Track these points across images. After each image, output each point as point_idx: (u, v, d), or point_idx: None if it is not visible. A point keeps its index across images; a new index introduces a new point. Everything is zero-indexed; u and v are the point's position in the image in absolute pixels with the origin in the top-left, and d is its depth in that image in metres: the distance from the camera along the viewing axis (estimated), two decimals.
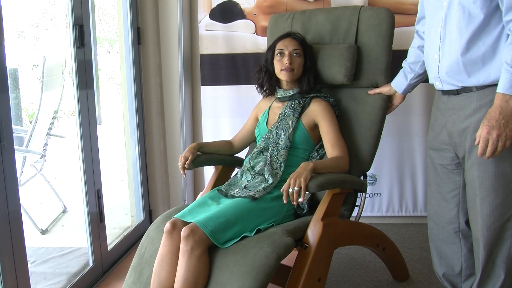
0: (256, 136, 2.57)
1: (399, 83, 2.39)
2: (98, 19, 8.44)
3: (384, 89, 2.43)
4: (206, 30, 3.43)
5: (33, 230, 3.46)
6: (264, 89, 2.53)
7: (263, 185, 2.24)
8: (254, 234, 2.04)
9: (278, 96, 2.48)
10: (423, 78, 2.34)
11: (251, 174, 2.33)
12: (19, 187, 2.05)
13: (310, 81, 2.42)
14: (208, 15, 3.42)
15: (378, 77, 2.46)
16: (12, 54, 5.96)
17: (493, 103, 1.81)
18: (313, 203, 2.32)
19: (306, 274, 2.01)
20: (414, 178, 3.44)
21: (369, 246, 2.49)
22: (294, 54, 2.40)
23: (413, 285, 2.63)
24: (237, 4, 3.39)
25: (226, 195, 2.27)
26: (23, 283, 2.06)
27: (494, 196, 1.93)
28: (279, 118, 2.43)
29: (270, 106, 2.54)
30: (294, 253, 2.06)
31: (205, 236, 1.94)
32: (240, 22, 3.41)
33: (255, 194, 2.18)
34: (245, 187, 2.27)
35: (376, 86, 2.48)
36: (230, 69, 3.45)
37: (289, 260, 2.05)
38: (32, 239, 3.32)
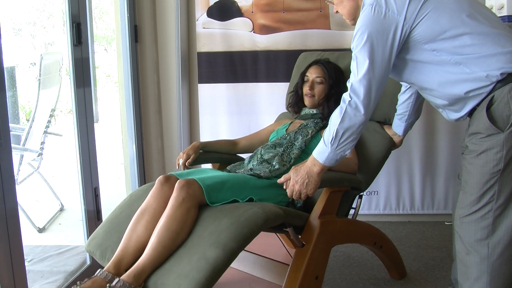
0: (271, 138, 2.62)
1: (398, 126, 2.42)
2: (95, 17, 8.43)
3: (389, 133, 2.48)
4: (204, 28, 3.43)
5: (30, 229, 3.46)
6: (294, 108, 2.69)
7: (269, 169, 2.26)
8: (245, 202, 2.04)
9: (302, 114, 2.62)
10: (420, 113, 2.40)
11: (258, 160, 2.35)
12: (16, 186, 2.05)
13: (330, 107, 2.49)
14: (205, 13, 3.42)
15: (392, 112, 2.47)
16: (9, 52, 5.95)
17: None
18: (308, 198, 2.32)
19: (304, 272, 2.01)
20: (411, 176, 3.45)
21: (366, 244, 2.49)
22: (317, 82, 2.56)
23: (410, 283, 2.64)
24: (234, 2, 3.39)
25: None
26: (20, 281, 2.05)
27: None
28: (299, 127, 2.51)
29: (293, 121, 2.65)
30: (292, 251, 2.06)
31: (200, 191, 1.93)
32: (237, 20, 3.41)
33: (260, 173, 2.21)
34: (250, 169, 2.29)
35: (388, 121, 2.50)
36: (227, 67, 3.45)
37: (287, 258, 2.05)
38: (29, 238, 3.31)
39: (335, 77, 2.56)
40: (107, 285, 1.76)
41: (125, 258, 1.89)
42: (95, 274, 1.82)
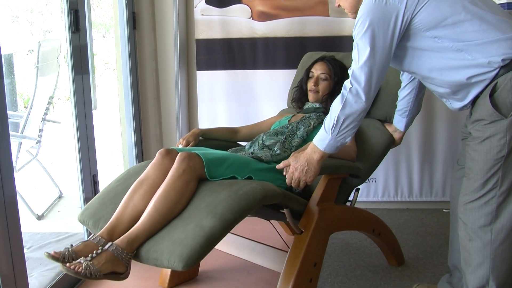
0: (273, 127, 2.61)
1: (399, 122, 2.43)
2: (93, 3, 8.38)
3: (390, 130, 2.49)
4: (202, 14, 3.41)
5: (29, 216, 3.46)
6: (298, 103, 2.71)
7: (271, 153, 2.26)
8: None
9: (305, 108, 2.62)
10: (420, 108, 2.39)
11: (259, 145, 2.36)
12: (15, 173, 2.05)
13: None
14: (204, 0, 3.40)
15: (393, 111, 2.47)
16: (6, 39, 5.93)
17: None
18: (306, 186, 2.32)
19: (302, 259, 2.02)
20: (409, 163, 3.45)
21: (364, 231, 2.50)
22: (322, 78, 2.57)
23: (408, 270, 2.65)
24: None
25: None
26: (19, 268, 2.06)
27: None
28: (302, 118, 2.52)
29: (295, 114, 2.65)
30: (290, 238, 2.07)
31: (200, 165, 1.92)
32: (236, 7, 3.39)
33: (261, 156, 2.20)
34: (251, 153, 2.29)
35: (389, 119, 2.51)
36: (226, 53, 3.44)
37: (283, 246, 2.06)
38: (28, 225, 3.32)
39: (340, 74, 2.56)
40: (100, 248, 1.75)
41: (119, 226, 1.88)
42: (88, 239, 1.82)
